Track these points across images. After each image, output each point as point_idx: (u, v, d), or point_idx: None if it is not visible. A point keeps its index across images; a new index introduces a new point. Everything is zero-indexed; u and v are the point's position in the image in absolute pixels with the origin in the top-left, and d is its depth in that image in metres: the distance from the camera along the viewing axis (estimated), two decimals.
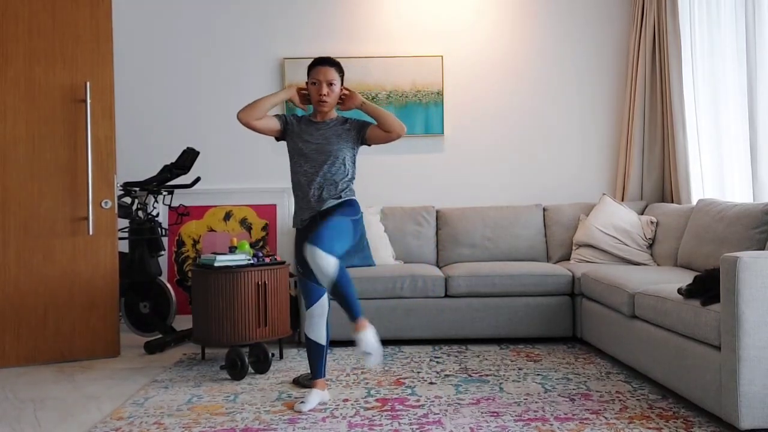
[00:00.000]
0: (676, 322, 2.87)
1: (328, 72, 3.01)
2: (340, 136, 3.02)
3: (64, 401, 3.16)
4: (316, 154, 2.99)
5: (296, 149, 3.04)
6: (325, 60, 3.05)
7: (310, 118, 3.09)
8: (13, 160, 3.91)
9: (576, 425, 2.68)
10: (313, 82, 3.02)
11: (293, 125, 3.07)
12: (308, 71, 3.07)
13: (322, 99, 3.00)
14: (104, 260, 4.04)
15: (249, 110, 2.95)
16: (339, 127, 3.05)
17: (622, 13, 5.11)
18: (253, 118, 2.95)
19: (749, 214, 3.43)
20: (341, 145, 3.00)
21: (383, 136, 3.02)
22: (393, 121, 2.99)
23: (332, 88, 3.02)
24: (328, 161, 2.98)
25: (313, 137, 3.01)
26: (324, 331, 3.04)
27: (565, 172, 5.12)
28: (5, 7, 3.90)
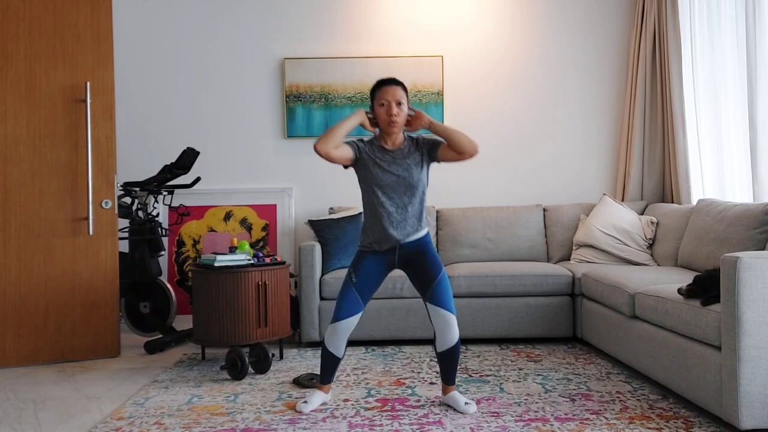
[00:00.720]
0: (677, 323, 2.87)
1: (396, 91, 2.90)
2: (417, 163, 2.93)
3: (64, 401, 3.16)
4: (396, 186, 2.90)
5: (374, 180, 2.92)
6: (391, 80, 2.94)
7: (382, 145, 2.97)
8: (14, 160, 3.91)
9: (576, 425, 2.68)
10: (381, 104, 2.90)
11: (366, 152, 2.95)
12: (372, 94, 2.96)
13: (393, 119, 2.88)
14: (104, 260, 4.04)
15: (326, 140, 2.85)
16: (414, 154, 2.94)
17: (622, 13, 5.11)
18: (331, 148, 2.86)
19: (749, 215, 3.43)
20: (420, 175, 2.93)
21: (454, 156, 2.90)
22: (464, 141, 2.86)
23: (401, 107, 2.90)
24: (408, 193, 2.91)
25: (392, 168, 2.91)
26: (344, 346, 2.97)
27: (565, 173, 5.12)
28: (6, 7, 3.90)
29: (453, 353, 2.91)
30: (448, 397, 2.96)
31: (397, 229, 2.91)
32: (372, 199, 2.94)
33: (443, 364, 2.96)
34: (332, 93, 5.03)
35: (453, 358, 2.93)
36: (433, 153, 2.95)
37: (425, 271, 2.94)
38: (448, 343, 2.89)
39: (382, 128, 2.96)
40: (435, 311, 2.90)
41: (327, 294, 4.15)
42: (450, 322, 2.87)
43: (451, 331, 2.87)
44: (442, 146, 2.93)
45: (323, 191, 5.08)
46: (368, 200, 2.96)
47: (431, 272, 2.93)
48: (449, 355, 2.92)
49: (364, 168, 2.95)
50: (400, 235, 2.91)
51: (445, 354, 2.92)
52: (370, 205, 2.96)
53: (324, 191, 5.08)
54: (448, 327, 2.87)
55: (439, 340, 2.91)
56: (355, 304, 2.94)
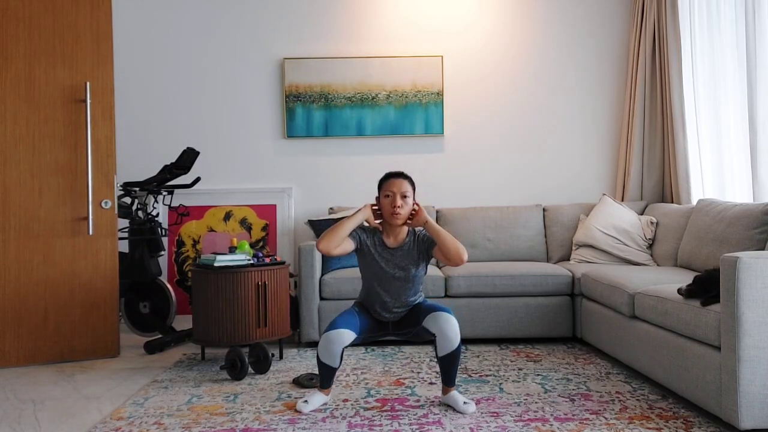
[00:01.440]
0: (676, 323, 2.87)
1: (402, 184, 2.97)
2: (415, 262, 3.01)
3: (64, 401, 3.16)
4: (393, 280, 3.00)
5: (372, 273, 3.03)
6: (399, 174, 3.02)
7: (383, 240, 3.03)
8: (14, 160, 3.91)
9: (576, 425, 2.68)
10: (386, 195, 2.97)
11: (367, 246, 3.02)
12: (380, 186, 3.03)
13: (396, 211, 2.94)
14: (104, 260, 4.04)
15: (329, 240, 2.88)
16: (413, 251, 3.02)
17: (622, 13, 5.11)
18: (333, 247, 2.89)
19: (749, 215, 3.43)
20: (418, 272, 3.03)
21: (443, 259, 2.96)
22: (452, 248, 2.91)
23: (406, 200, 2.96)
24: (404, 287, 3.02)
25: (390, 266, 3.00)
26: (339, 357, 2.92)
27: (565, 173, 5.12)
28: (5, 7, 3.90)
29: (455, 356, 2.90)
30: (447, 397, 2.96)
31: (390, 313, 3.05)
32: (368, 285, 3.07)
33: (444, 368, 2.95)
34: (332, 93, 5.03)
35: (454, 361, 2.92)
36: (430, 251, 3.02)
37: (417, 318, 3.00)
38: (449, 347, 2.86)
39: (386, 219, 3.02)
40: (432, 317, 2.90)
41: (327, 294, 4.15)
42: (450, 321, 2.86)
43: (452, 331, 2.85)
44: (435, 247, 2.99)
45: (323, 191, 5.08)
46: (367, 286, 3.09)
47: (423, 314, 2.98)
48: (451, 358, 2.90)
49: (364, 258, 3.05)
50: (393, 317, 3.06)
51: (447, 358, 2.90)
52: (368, 289, 3.08)
53: (324, 191, 5.08)
54: (449, 326, 2.85)
55: (440, 343, 2.87)
56: (354, 323, 2.96)
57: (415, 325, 3.02)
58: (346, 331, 2.89)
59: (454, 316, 2.91)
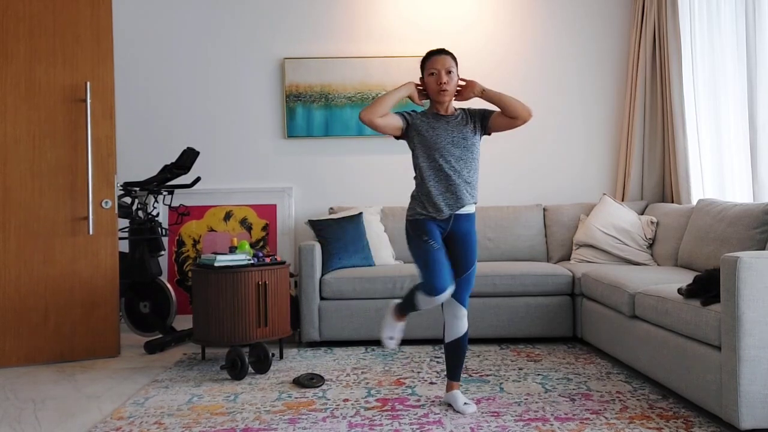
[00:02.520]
0: (677, 322, 2.87)
1: (446, 60, 2.87)
2: (472, 129, 2.90)
3: (64, 401, 3.16)
4: (452, 148, 2.85)
5: (431, 143, 2.85)
6: (440, 50, 2.92)
7: (435, 112, 2.92)
8: (14, 160, 3.91)
9: (576, 425, 2.68)
10: (431, 73, 2.87)
11: (418, 120, 2.90)
12: (422, 65, 2.93)
13: (443, 88, 2.84)
14: (104, 260, 4.04)
15: (372, 108, 2.80)
16: (468, 122, 2.90)
17: (622, 13, 5.11)
18: (376, 116, 2.79)
19: (749, 214, 3.43)
20: (475, 140, 2.90)
21: (508, 123, 2.87)
22: (518, 105, 2.82)
23: (451, 76, 2.86)
24: (464, 157, 2.86)
25: (447, 131, 2.86)
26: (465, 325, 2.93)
27: (565, 172, 5.12)
28: (6, 7, 3.90)
29: (459, 345, 2.93)
30: (449, 395, 2.97)
31: (454, 195, 2.85)
32: (429, 164, 2.86)
33: (449, 357, 2.99)
34: (332, 93, 5.03)
35: (459, 350, 2.95)
36: (485, 122, 2.92)
37: (463, 260, 2.90)
38: (455, 334, 2.92)
39: (432, 98, 2.92)
40: (450, 302, 2.90)
41: (327, 294, 4.15)
42: (459, 315, 2.91)
43: (460, 323, 2.92)
44: (494, 114, 2.91)
45: (323, 191, 5.08)
46: (425, 166, 2.87)
47: (467, 263, 2.90)
48: (455, 346, 2.94)
49: (418, 135, 2.88)
50: (457, 202, 2.85)
51: (452, 345, 2.95)
52: (427, 170, 2.87)
53: (324, 191, 5.08)
54: (457, 319, 2.91)
55: (447, 329, 2.95)
56: (449, 270, 2.80)
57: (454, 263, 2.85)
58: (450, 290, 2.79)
59: (467, 308, 2.92)
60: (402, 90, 2.90)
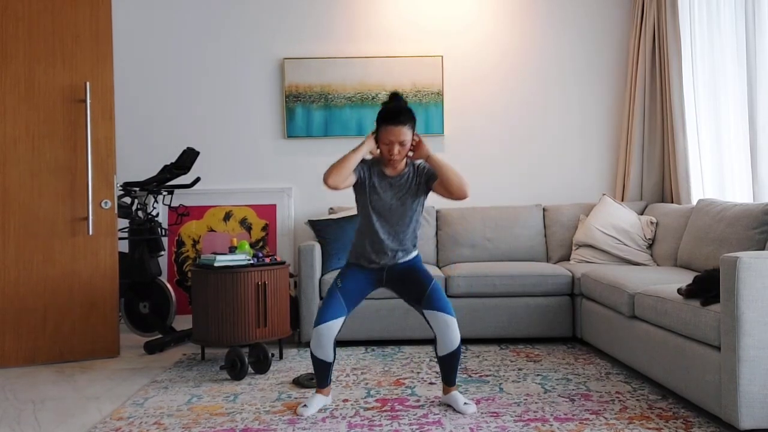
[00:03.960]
0: (676, 323, 2.87)
1: (401, 133, 2.85)
2: (414, 193, 2.96)
3: (63, 402, 3.16)
4: (389, 214, 2.94)
5: (369, 204, 2.95)
6: (398, 118, 2.86)
7: (382, 170, 2.98)
8: (13, 160, 3.91)
9: (576, 425, 2.68)
10: (384, 143, 2.89)
11: (367, 178, 2.96)
12: (378, 123, 2.91)
13: (393, 158, 2.90)
14: (104, 260, 4.04)
15: (337, 174, 2.83)
16: (412, 181, 2.96)
17: (622, 13, 5.11)
18: (341, 182, 2.84)
19: (749, 214, 3.43)
20: (416, 203, 2.97)
21: (444, 193, 2.92)
22: (454, 180, 2.86)
23: (404, 146, 2.88)
24: (401, 221, 2.94)
25: (388, 195, 2.94)
26: (332, 351, 2.92)
27: (565, 173, 5.12)
28: (5, 7, 3.90)
29: (454, 356, 2.91)
30: (448, 397, 2.97)
31: (386, 254, 2.96)
32: (365, 221, 2.99)
33: (444, 367, 2.96)
34: (332, 93, 5.03)
35: (454, 361, 2.93)
36: (430, 183, 2.97)
37: (416, 282, 2.97)
38: (450, 348, 2.88)
39: (384, 159, 2.97)
40: (433, 316, 2.89)
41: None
42: (450, 325, 2.87)
43: (452, 333, 2.87)
44: (437, 180, 2.94)
45: (323, 191, 5.05)
46: (362, 220, 3.01)
47: (422, 282, 2.96)
48: (450, 358, 2.91)
49: (362, 190, 2.98)
50: (388, 260, 2.97)
51: (447, 358, 2.91)
52: (362, 224, 3.01)
53: (324, 191, 5.04)
54: (449, 330, 2.87)
55: (440, 344, 2.89)
56: (338, 307, 2.91)
57: (409, 296, 2.97)
58: (333, 323, 2.87)
59: (454, 316, 2.91)
60: (364, 148, 2.93)
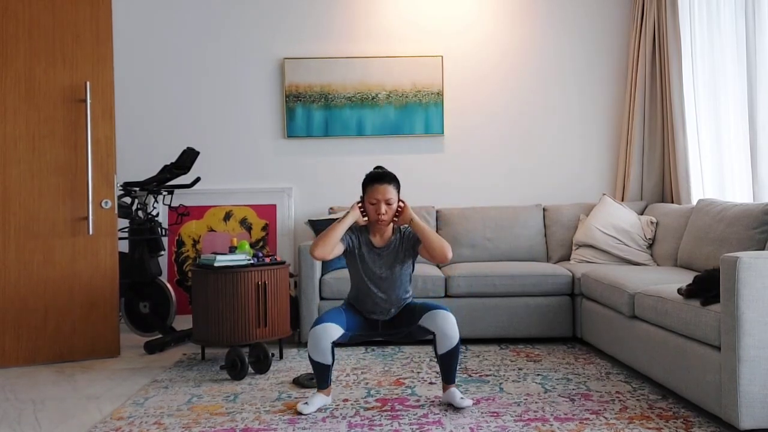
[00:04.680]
0: (676, 322, 2.87)
1: (386, 191, 2.99)
2: (402, 262, 3.04)
3: (64, 401, 3.16)
4: (381, 282, 3.03)
5: (359, 274, 3.06)
6: (383, 178, 3.02)
7: (370, 239, 3.06)
8: (13, 160, 3.91)
9: (576, 425, 2.68)
10: (371, 202, 3.00)
11: (357, 247, 3.05)
12: (364, 187, 3.04)
13: (380, 218, 2.99)
14: (104, 260, 4.04)
15: (324, 246, 2.91)
16: (399, 249, 3.04)
17: (622, 13, 5.11)
18: (328, 253, 2.93)
19: (749, 214, 3.43)
20: (404, 270, 3.06)
21: (427, 256, 2.99)
22: (436, 246, 2.93)
23: (390, 206, 3.00)
24: (393, 285, 3.04)
25: (377, 266, 3.03)
26: (329, 354, 2.93)
27: (565, 173, 5.12)
28: (5, 7, 3.90)
29: (454, 354, 2.92)
30: (446, 394, 2.97)
31: (378, 314, 3.07)
32: (357, 285, 3.10)
33: (444, 366, 2.96)
34: (332, 93, 5.03)
35: (454, 358, 2.94)
36: (416, 247, 3.05)
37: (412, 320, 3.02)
38: (449, 345, 2.88)
39: (371, 222, 3.05)
40: (430, 316, 2.92)
41: (327, 294, 4.15)
42: (448, 318, 2.89)
43: (451, 327, 2.88)
44: (422, 245, 3.01)
45: (323, 191, 5.08)
46: (354, 285, 3.12)
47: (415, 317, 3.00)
48: (450, 356, 2.92)
49: (353, 259, 3.07)
50: (383, 316, 3.08)
51: (447, 356, 2.92)
52: (356, 289, 3.11)
53: (324, 191, 5.08)
54: (447, 324, 2.88)
55: (439, 342, 2.90)
56: (339, 319, 2.97)
57: (408, 325, 3.04)
58: (331, 326, 2.90)
59: (451, 313, 2.92)
60: (349, 219, 3.01)
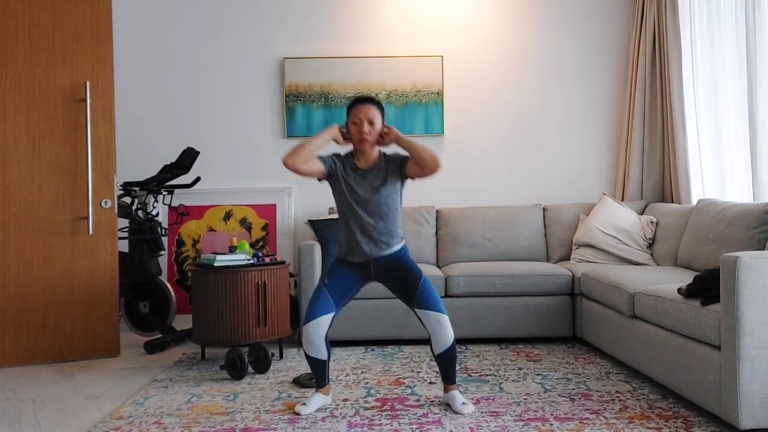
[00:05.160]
0: (676, 322, 2.87)
1: (369, 110, 2.95)
2: (389, 183, 2.97)
3: (64, 401, 3.16)
4: (367, 205, 2.95)
5: (345, 199, 2.98)
6: (366, 99, 3.01)
7: (355, 163, 3.01)
8: (14, 160, 3.91)
9: (576, 425, 2.68)
10: (353, 122, 2.96)
11: (339, 171, 2.98)
12: (348, 111, 3.01)
13: (364, 137, 2.94)
14: (104, 260, 4.04)
15: (295, 155, 2.86)
16: (385, 172, 2.98)
17: (622, 13, 5.11)
18: (300, 163, 2.88)
19: (749, 214, 3.43)
20: (391, 192, 2.97)
21: (417, 171, 2.93)
22: (426, 156, 2.87)
23: (373, 126, 2.94)
24: (379, 211, 2.95)
25: (362, 187, 2.96)
26: (324, 348, 2.93)
27: (565, 172, 5.12)
28: (5, 7, 3.90)
29: (450, 354, 2.91)
30: (447, 396, 2.97)
31: (368, 245, 2.96)
32: (344, 215, 3.00)
33: (442, 366, 2.96)
34: (332, 93, 5.03)
35: (450, 358, 2.93)
36: (403, 169, 2.99)
37: (405, 279, 2.97)
38: (444, 345, 2.88)
39: (355, 145, 3.00)
40: (425, 315, 2.90)
41: None
42: (443, 323, 2.87)
43: (445, 331, 2.87)
44: (410, 161, 2.95)
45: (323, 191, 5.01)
46: (341, 214, 3.02)
47: (412, 278, 2.95)
48: (446, 356, 2.92)
49: (337, 184, 3.00)
50: (372, 251, 2.96)
51: (443, 356, 2.92)
52: (343, 219, 3.02)
53: (324, 191, 5.00)
54: (441, 328, 2.87)
55: (434, 343, 2.90)
56: (325, 304, 2.92)
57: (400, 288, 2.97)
58: (321, 319, 2.89)
59: (445, 313, 2.89)
60: (325, 135, 2.99)
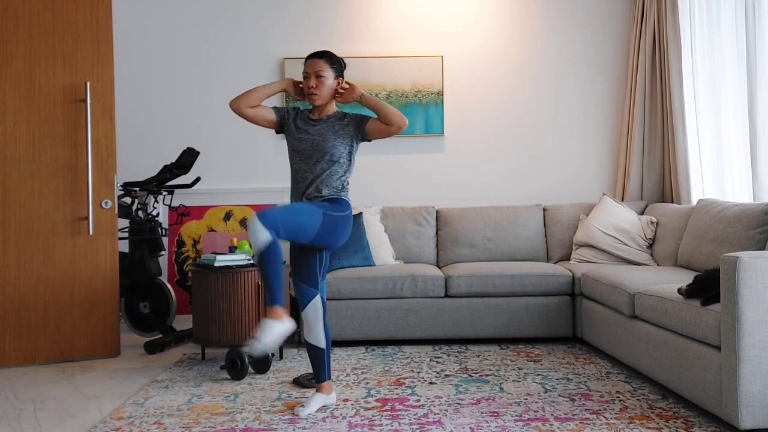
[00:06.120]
0: (676, 322, 2.87)
1: (316, 64, 2.95)
2: (336, 133, 2.94)
3: (64, 401, 3.16)
4: (311, 151, 2.93)
5: (291, 144, 3.00)
6: (316, 53, 3.00)
7: (308, 114, 3.03)
8: (14, 160, 3.91)
9: (576, 425, 2.68)
10: (304, 76, 2.98)
11: (291, 119, 3.02)
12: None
13: (311, 92, 2.94)
14: (104, 260, 4.04)
15: (241, 98, 2.93)
16: (336, 123, 2.96)
17: (622, 13, 5.11)
18: (244, 106, 2.92)
19: (749, 214, 3.43)
20: (336, 142, 2.92)
21: (383, 129, 2.91)
22: (393, 113, 2.89)
23: (321, 80, 2.93)
24: (323, 159, 2.91)
25: (308, 134, 2.95)
26: (322, 335, 2.95)
27: (565, 172, 5.12)
28: (5, 7, 3.90)
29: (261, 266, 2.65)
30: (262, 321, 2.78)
31: (309, 194, 2.91)
32: (293, 159, 3.01)
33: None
34: None
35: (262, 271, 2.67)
36: (362, 128, 2.96)
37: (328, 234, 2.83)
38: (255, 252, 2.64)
39: (307, 100, 3.00)
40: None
41: (327, 294, 4.14)
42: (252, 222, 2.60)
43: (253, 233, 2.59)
44: (371, 120, 2.95)
45: None
46: (290, 164, 3.03)
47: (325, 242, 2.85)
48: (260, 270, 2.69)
49: (287, 134, 3.03)
50: (314, 192, 2.91)
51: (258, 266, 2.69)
52: (292, 168, 3.03)
53: None
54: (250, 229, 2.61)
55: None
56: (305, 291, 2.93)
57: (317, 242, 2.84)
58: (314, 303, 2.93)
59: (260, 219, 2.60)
60: (275, 85, 3.03)
